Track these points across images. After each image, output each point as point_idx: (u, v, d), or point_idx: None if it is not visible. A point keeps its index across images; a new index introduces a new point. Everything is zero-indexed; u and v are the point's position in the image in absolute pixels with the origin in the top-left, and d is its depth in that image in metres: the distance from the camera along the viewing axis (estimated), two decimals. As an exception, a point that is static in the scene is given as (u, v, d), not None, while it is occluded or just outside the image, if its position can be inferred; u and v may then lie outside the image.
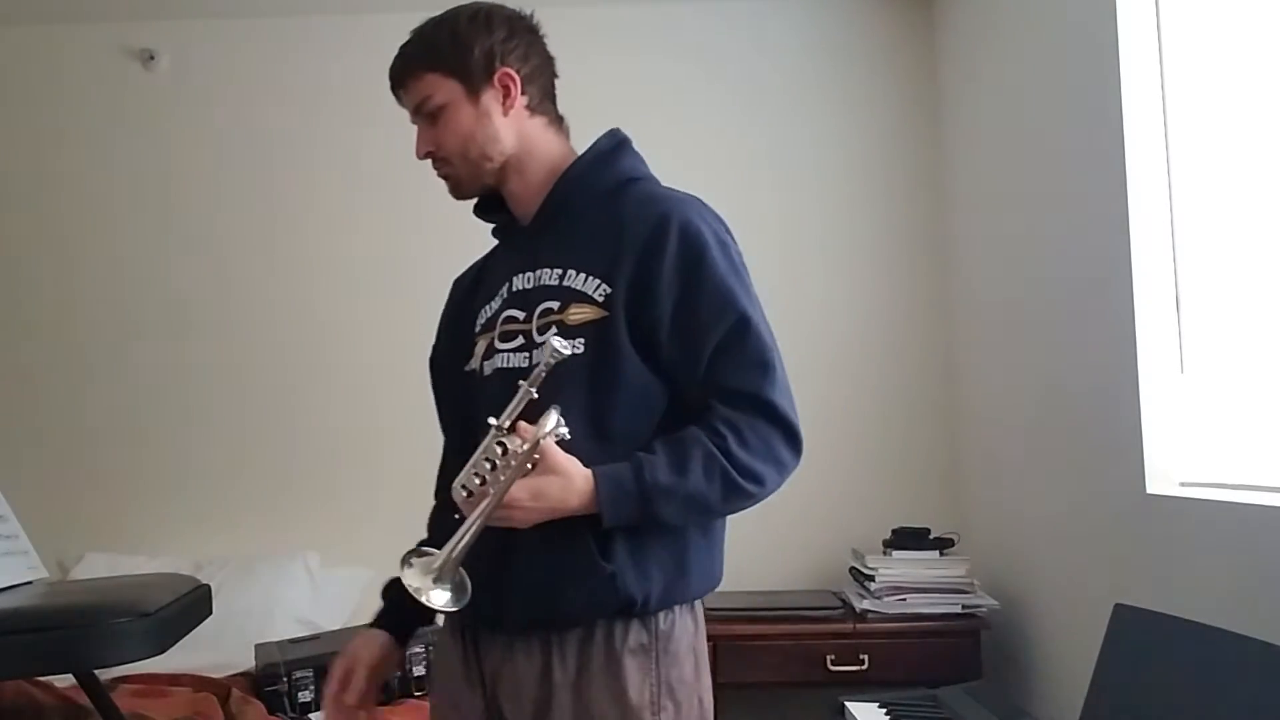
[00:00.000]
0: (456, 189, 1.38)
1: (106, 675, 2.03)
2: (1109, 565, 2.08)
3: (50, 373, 3.25)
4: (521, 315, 1.30)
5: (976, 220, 2.91)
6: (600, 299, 1.25)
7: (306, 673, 2.28)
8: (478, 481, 1.15)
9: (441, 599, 1.11)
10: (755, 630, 2.63)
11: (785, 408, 1.24)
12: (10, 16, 3.26)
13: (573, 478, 1.17)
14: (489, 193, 1.39)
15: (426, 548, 1.15)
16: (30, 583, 1.47)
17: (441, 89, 1.32)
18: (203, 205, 3.28)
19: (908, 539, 2.74)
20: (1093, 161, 2.12)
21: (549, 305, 1.27)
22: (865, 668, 2.57)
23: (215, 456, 3.16)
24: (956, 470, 3.09)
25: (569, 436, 1.16)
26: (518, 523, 1.17)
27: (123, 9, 3.25)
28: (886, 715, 1.99)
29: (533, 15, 1.40)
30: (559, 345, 1.13)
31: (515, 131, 1.34)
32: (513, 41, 1.33)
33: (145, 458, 3.18)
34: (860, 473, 3.10)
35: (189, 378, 3.23)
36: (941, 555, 2.70)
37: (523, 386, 1.14)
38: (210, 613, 1.52)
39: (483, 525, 1.13)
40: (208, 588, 1.52)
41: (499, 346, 1.30)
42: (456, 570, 1.13)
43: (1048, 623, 2.45)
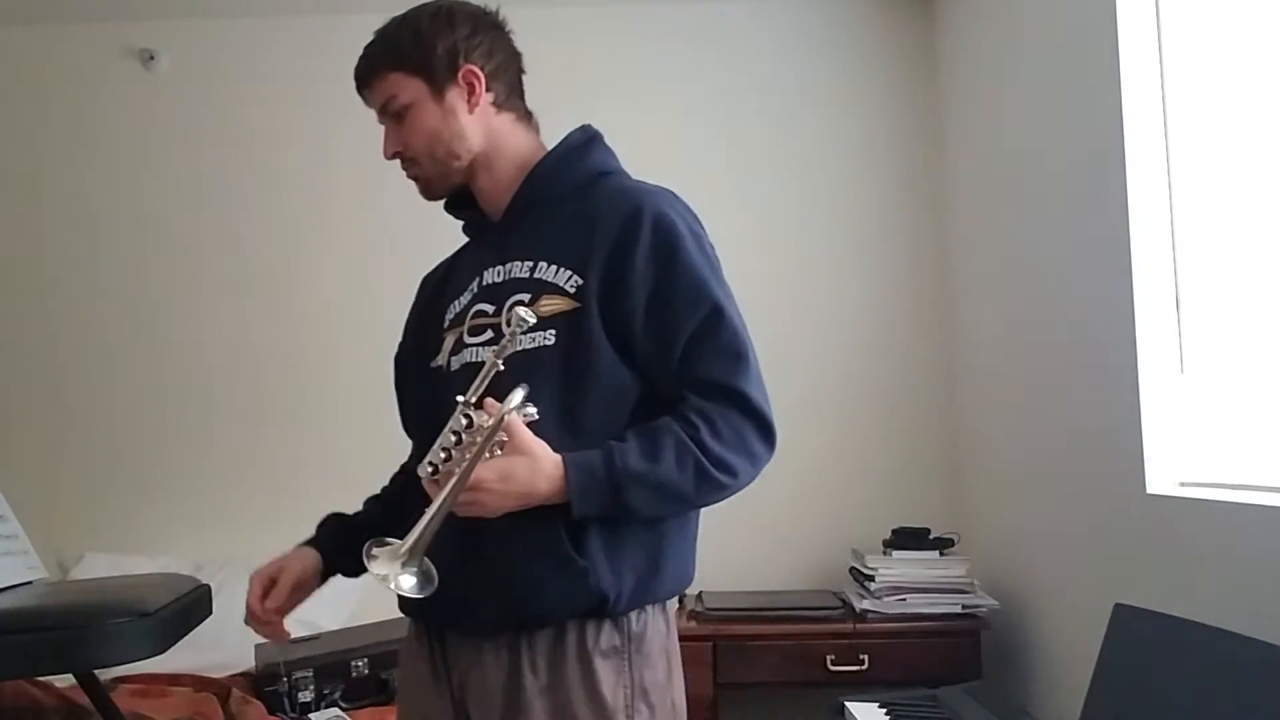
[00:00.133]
0: (426, 190, 1.37)
1: (106, 675, 2.03)
2: (1109, 565, 2.08)
3: (50, 373, 3.25)
4: (491, 309, 1.29)
5: (976, 220, 2.91)
6: (572, 290, 1.23)
7: (306, 673, 2.28)
8: (443, 456, 1.12)
9: (409, 584, 1.08)
10: (755, 630, 2.63)
11: (759, 399, 1.23)
12: (10, 16, 3.26)
13: (541, 460, 1.14)
14: (460, 191, 1.38)
15: (388, 538, 1.12)
16: (30, 583, 1.47)
17: (406, 88, 1.31)
18: (203, 205, 3.28)
19: (908, 539, 2.74)
20: (1093, 161, 2.12)
21: (520, 297, 1.25)
22: (865, 668, 2.57)
23: (215, 456, 3.16)
24: (956, 470, 3.09)
25: (536, 416, 1.15)
26: (486, 509, 1.14)
27: (123, 9, 3.25)
28: (886, 715, 1.99)
29: (498, 11, 1.38)
30: (524, 313, 1.13)
31: (482, 128, 1.33)
32: (476, 38, 1.32)
33: (145, 458, 3.18)
34: (860, 473, 3.10)
35: (189, 378, 3.23)
36: (941, 555, 2.70)
37: (489, 358, 1.13)
38: (210, 613, 1.52)
39: (449, 507, 1.10)
40: (208, 588, 1.52)
41: (467, 341, 1.29)
42: (422, 558, 1.09)
43: (1048, 623, 2.45)
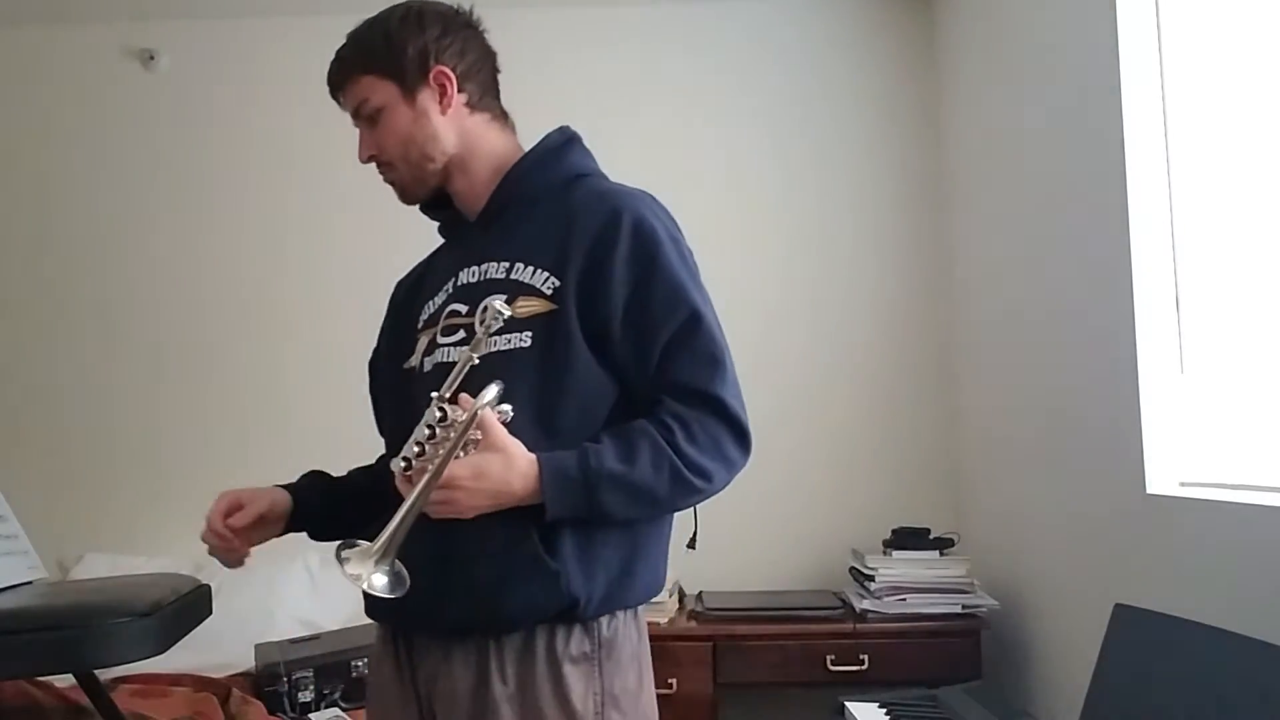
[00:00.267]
0: (403, 193, 1.36)
1: (106, 675, 2.03)
2: (1109, 565, 2.08)
3: (50, 373, 3.25)
4: (465, 309, 1.27)
5: (976, 220, 2.91)
6: (549, 292, 1.23)
7: (306, 673, 2.28)
8: (417, 451, 1.11)
9: (381, 584, 1.06)
10: (755, 630, 2.63)
11: (734, 405, 1.22)
12: (10, 16, 3.26)
13: (515, 457, 1.14)
14: (436, 194, 1.37)
15: (358, 540, 1.11)
16: (30, 583, 1.47)
17: (377, 91, 1.30)
18: (204, 205, 3.28)
19: (908, 539, 2.74)
20: (1093, 161, 2.12)
21: (496, 297, 1.23)
22: (865, 668, 2.57)
23: (216, 457, 3.16)
24: (956, 470, 3.09)
25: (511, 413, 1.14)
26: (460, 508, 1.13)
27: (123, 9, 3.25)
28: (886, 715, 1.99)
29: (471, 10, 1.37)
30: (500, 307, 1.12)
31: (456, 130, 1.32)
32: (447, 38, 1.31)
33: (146, 458, 3.19)
34: (860, 473, 3.10)
35: (190, 378, 3.23)
36: (941, 555, 2.70)
37: (464, 353, 1.13)
38: (210, 613, 1.52)
39: (422, 506, 1.09)
40: (208, 588, 1.52)
41: (441, 341, 1.28)
42: (394, 559, 1.08)
43: (1048, 623, 2.45)
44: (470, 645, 1.21)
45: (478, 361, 1.13)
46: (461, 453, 1.11)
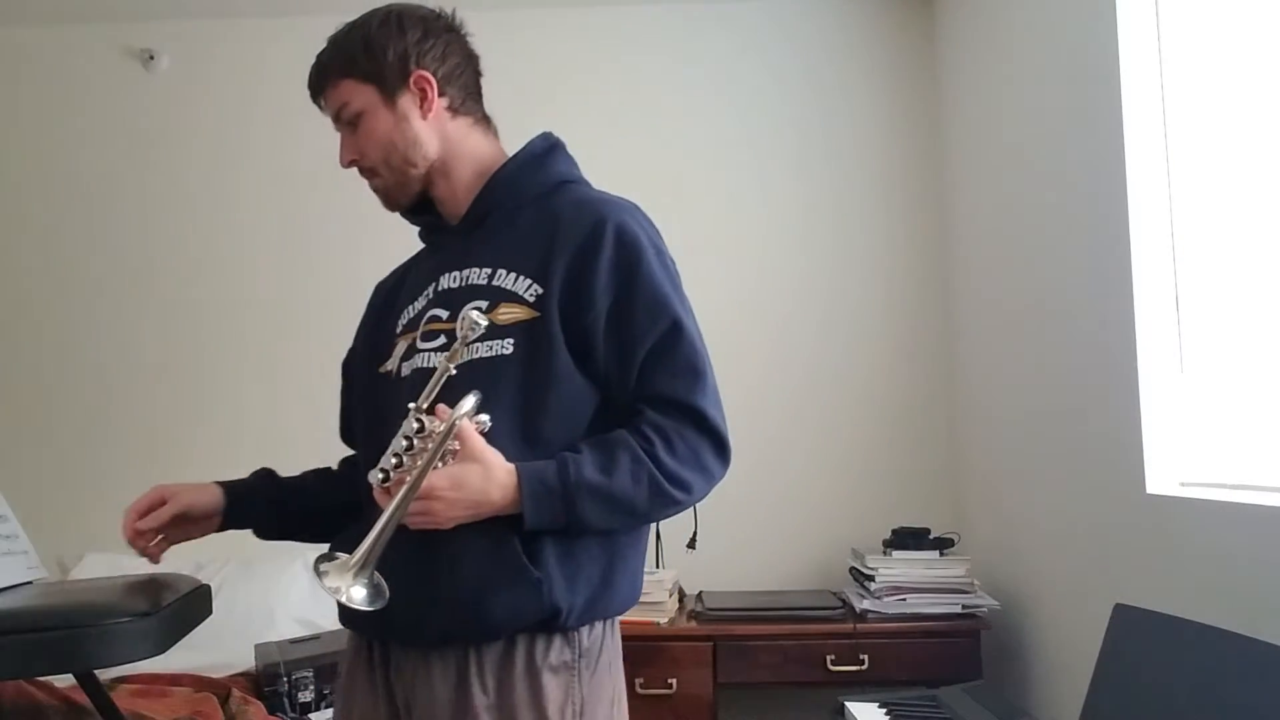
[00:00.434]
0: (387, 199, 1.36)
1: (106, 675, 2.03)
2: (1109, 565, 2.08)
3: (51, 372, 3.26)
4: (446, 314, 1.27)
5: (977, 220, 2.91)
6: (531, 299, 1.22)
7: (306, 673, 2.28)
8: (394, 463, 1.11)
9: (360, 596, 1.06)
10: (755, 630, 2.62)
11: (715, 416, 1.22)
12: (10, 16, 3.26)
13: (494, 468, 1.13)
14: (419, 199, 1.36)
15: (336, 552, 1.11)
16: (30, 583, 1.47)
17: (358, 95, 1.30)
18: (204, 205, 3.29)
19: (908, 539, 2.74)
20: (1093, 161, 2.12)
21: (477, 305, 1.23)
22: (865, 668, 2.57)
23: (216, 457, 3.16)
24: (956, 470, 3.09)
25: (489, 423, 1.14)
26: (439, 519, 1.12)
27: (123, 9, 3.25)
28: (886, 715, 1.99)
29: (453, 14, 1.37)
30: (477, 317, 1.12)
31: (438, 134, 1.31)
32: (428, 42, 1.31)
33: (146, 458, 3.18)
34: (860, 473, 3.10)
35: (190, 378, 3.23)
36: (941, 555, 2.70)
37: (440, 363, 1.12)
38: (210, 613, 1.51)
39: (401, 517, 1.09)
40: (208, 588, 1.52)
41: (420, 346, 1.27)
42: (373, 571, 1.07)
43: (1048, 623, 2.45)
44: (450, 654, 1.20)
45: (454, 372, 1.12)
46: (440, 463, 1.11)
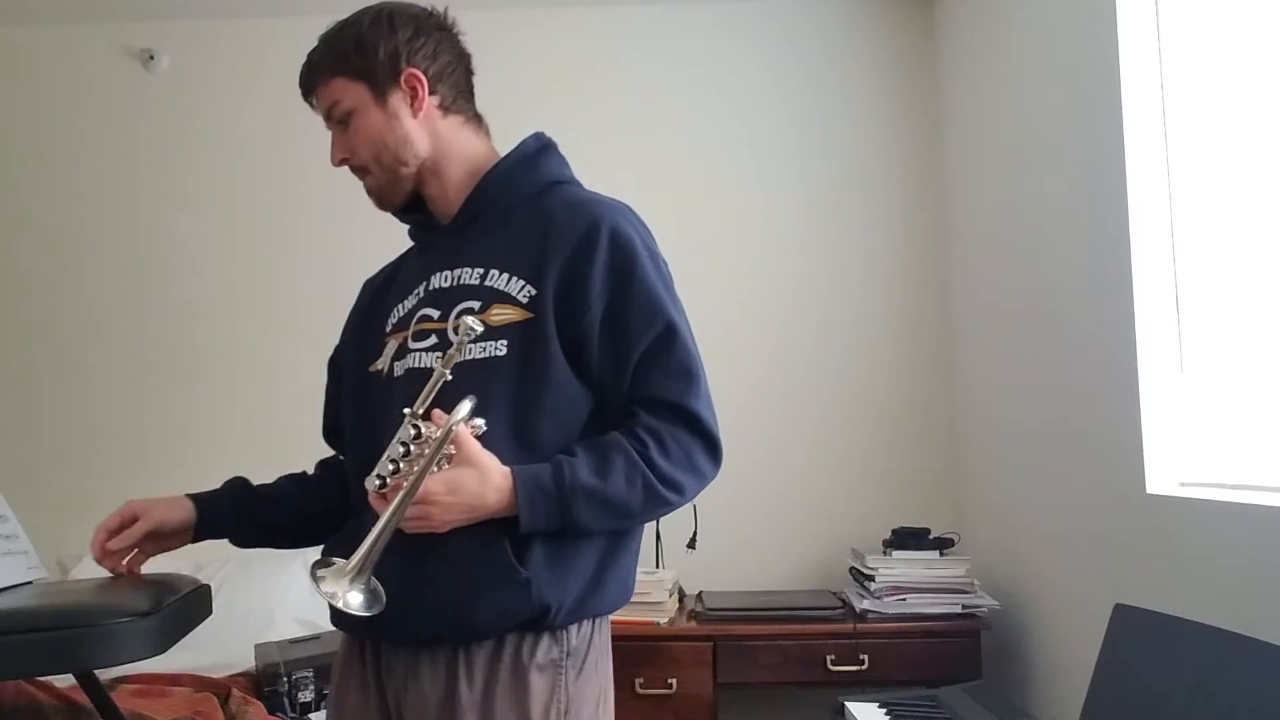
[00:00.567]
0: (379, 199, 1.35)
1: (106, 675, 2.03)
2: (1109, 565, 2.08)
3: (51, 372, 3.26)
4: (437, 314, 1.27)
5: (977, 220, 2.91)
6: (525, 300, 1.22)
7: (306, 673, 2.28)
8: (391, 469, 1.11)
9: (357, 601, 1.07)
10: (755, 630, 2.62)
11: (707, 418, 1.23)
12: (10, 16, 3.26)
13: (489, 472, 1.13)
14: (410, 198, 1.36)
15: (333, 557, 1.11)
16: (30, 583, 1.47)
17: (349, 94, 1.30)
18: (203, 205, 3.29)
19: (908, 539, 2.74)
20: (1093, 161, 2.12)
21: (469, 305, 1.24)
22: (865, 668, 2.57)
23: (216, 457, 3.16)
24: (956, 470, 3.09)
25: (485, 428, 1.14)
26: (435, 523, 1.13)
27: (123, 9, 3.25)
28: (886, 715, 1.99)
29: (445, 12, 1.36)
30: (473, 323, 1.12)
31: (429, 133, 1.31)
32: (419, 40, 1.30)
33: (146, 457, 3.18)
34: (860, 473, 3.10)
35: (189, 377, 3.23)
36: (941, 555, 2.70)
37: (436, 368, 1.12)
38: (210, 613, 1.51)
39: (397, 523, 1.09)
40: (208, 588, 1.52)
41: (412, 346, 1.27)
42: (369, 576, 1.08)
43: (1048, 623, 2.45)
44: (440, 654, 1.20)
45: (450, 378, 1.12)
46: (436, 468, 1.11)
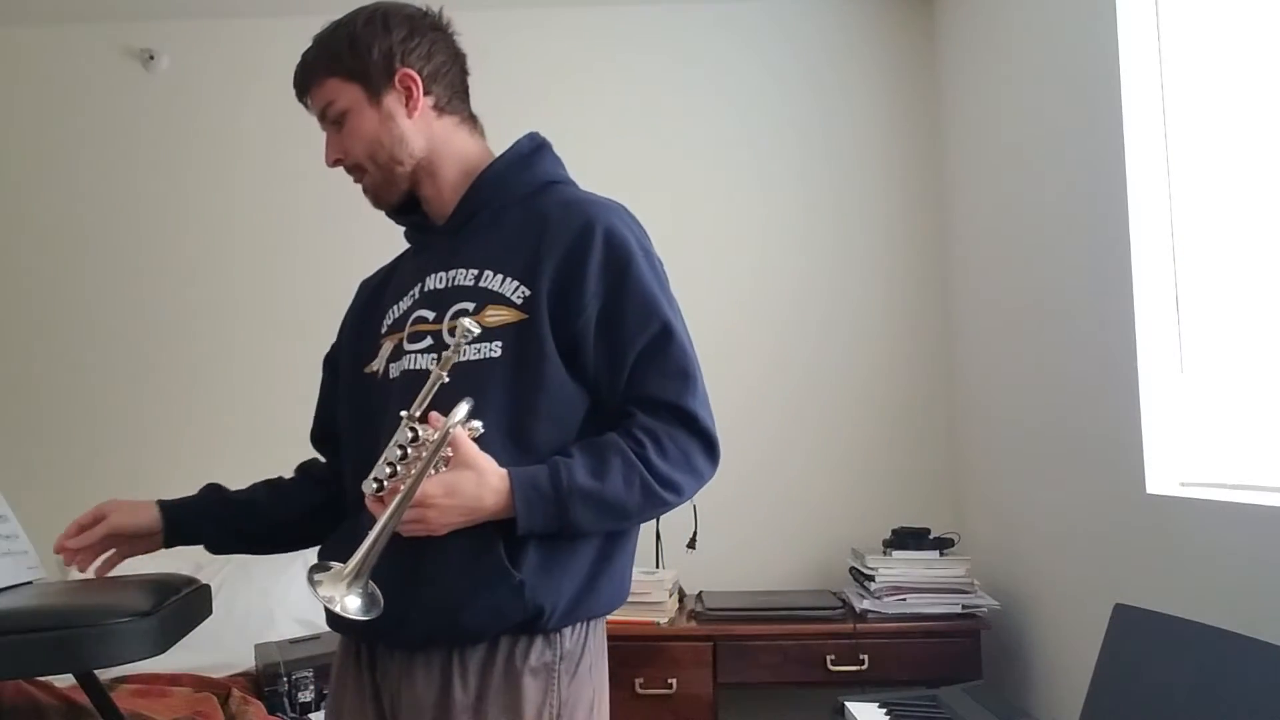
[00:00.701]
0: (375, 198, 1.35)
1: (106, 675, 2.03)
2: (1109, 565, 2.08)
3: (51, 372, 3.26)
4: (432, 315, 1.26)
5: (977, 220, 2.91)
6: (519, 301, 1.22)
7: (306, 673, 2.28)
8: (388, 471, 1.11)
9: (355, 606, 1.06)
10: (755, 630, 2.62)
11: (705, 418, 1.22)
12: (10, 16, 3.26)
13: (487, 474, 1.13)
14: (406, 199, 1.36)
15: (330, 561, 1.11)
16: (30, 583, 1.47)
17: (343, 94, 1.30)
18: (205, 205, 3.29)
19: (908, 539, 2.74)
20: (1093, 161, 2.12)
21: (463, 306, 1.24)
22: (865, 668, 2.57)
23: (216, 457, 3.16)
24: (956, 470, 3.09)
25: (482, 430, 1.14)
26: (433, 526, 1.12)
27: (123, 9, 3.25)
28: (886, 715, 1.99)
29: (440, 12, 1.36)
30: (469, 324, 1.12)
31: (424, 133, 1.31)
32: (413, 41, 1.30)
33: (146, 457, 3.18)
34: (860, 473, 3.10)
35: (190, 377, 3.23)
36: (941, 555, 2.70)
37: (433, 371, 1.12)
38: (210, 613, 1.51)
39: (395, 526, 1.09)
40: (208, 588, 1.52)
41: (407, 348, 1.27)
42: (367, 580, 1.08)
43: (1048, 623, 2.45)
44: (434, 656, 1.20)
45: (447, 380, 1.12)
46: (433, 471, 1.11)
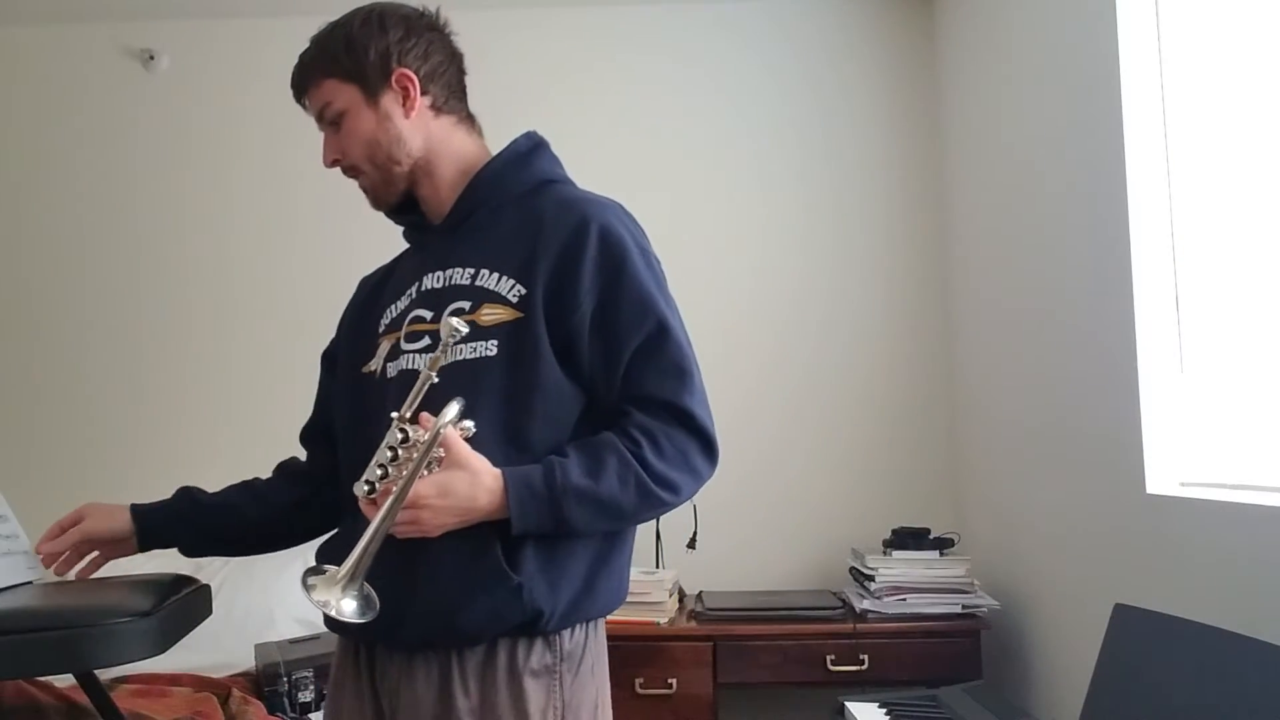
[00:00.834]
0: (374, 198, 1.35)
1: (106, 675, 2.03)
2: (1109, 565, 2.08)
3: (51, 372, 3.26)
4: (430, 315, 1.26)
5: (976, 220, 2.91)
6: (515, 300, 1.22)
7: (306, 673, 2.28)
8: (380, 474, 1.10)
9: (350, 609, 1.06)
10: (755, 630, 2.62)
11: (702, 416, 1.22)
12: (10, 16, 3.26)
13: (480, 474, 1.13)
14: (404, 198, 1.36)
15: (325, 564, 1.11)
16: (30, 583, 1.47)
17: (340, 95, 1.30)
18: (204, 205, 3.29)
19: (908, 539, 2.74)
20: (1093, 161, 2.12)
21: (460, 305, 1.23)
22: (865, 668, 2.57)
23: (216, 457, 3.16)
24: (956, 470, 3.09)
25: (474, 430, 1.13)
26: (426, 527, 1.12)
27: (123, 9, 3.25)
28: (886, 715, 1.99)
29: (437, 12, 1.36)
30: (456, 323, 1.12)
31: (421, 133, 1.31)
32: (410, 41, 1.30)
33: (146, 457, 3.18)
34: (860, 473, 3.10)
35: (190, 377, 3.23)
36: (941, 555, 2.70)
37: (422, 371, 1.12)
38: (210, 613, 1.51)
39: (388, 528, 1.08)
40: (208, 588, 1.52)
41: (404, 347, 1.27)
42: (362, 582, 1.07)
43: (1048, 623, 2.45)
44: (433, 658, 1.20)
45: (436, 380, 1.12)
46: (425, 471, 1.10)
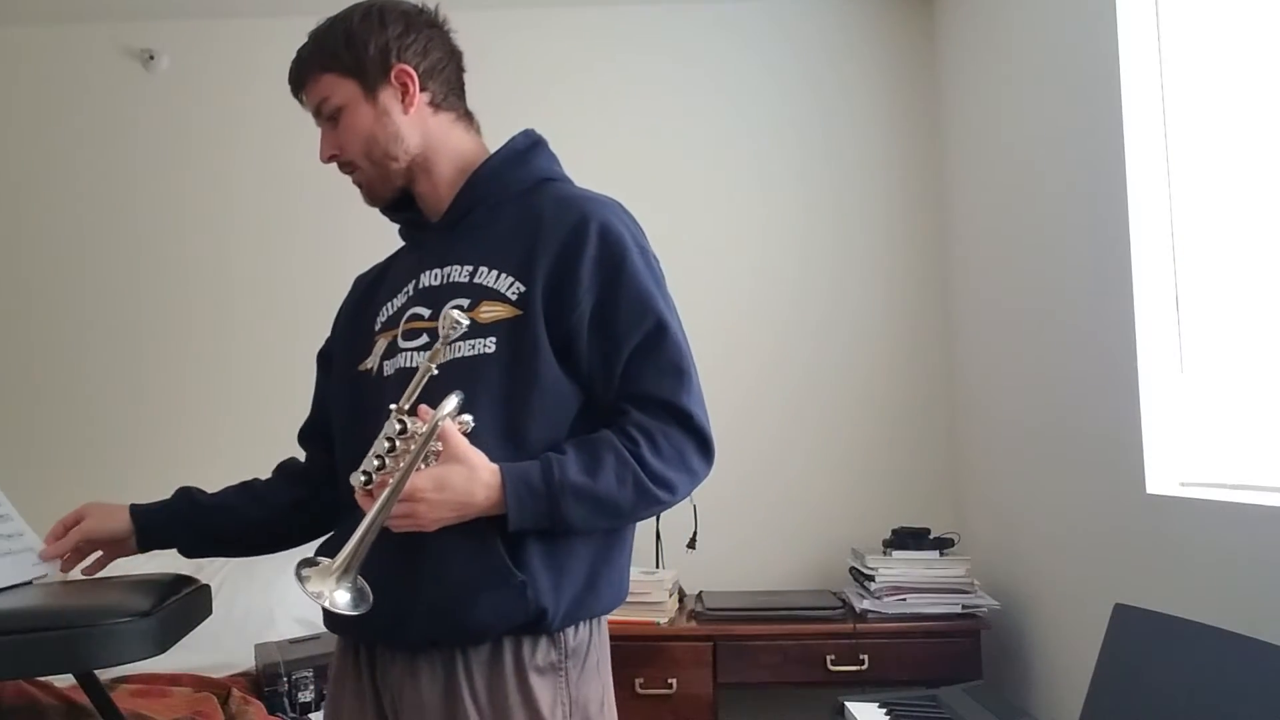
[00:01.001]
0: (370, 194, 1.35)
1: (106, 675, 2.03)
2: (1109, 565, 2.08)
3: (51, 372, 3.26)
4: (428, 313, 1.26)
5: (976, 220, 2.91)
6: (513, 297, 1.22)
7: (306, 673, 2.28)
8: (377, 465, 1.10)
9: (344, 601, 1.05)
10: (755, 630, 2.62)
11: (699, 416, 1.22)
12: (10, 16, 3.26)
13: (478, 468, 1.12)
14: (400, 195, 1.36)
15: (319, 557, 1.10)
16: (30, 582, 1.47)
17: (338, 90, 1.29)
18: (204, 205, 3.29)
19: (908, 539, 2.74)
20: (1093, 161, 2.12)
21: (459, 303, 1.23)
22: (865, 668, 2.57)
23: (216, 457, 3.16)
24: (956, 470, 3.09)
25: (472, 424, 1.13)
26: (422, 521, 1.11)
27: (123, 9, 3.25)
28: (886, 715, 1.99)
29: (436, 9, 1.36)
30: (458, 316, 1.11)
31: (419, 129, 1.31)
32: (409, 37, 1.30)
33: (146, 457, 3.18)
34: (860, 473, 3.10)
35: (190, 377, 3.23)
36: (941, 555, 2.70)
37: (422, 363, 1.12)
38: (210, 613, 1.51)
39: (384, 520, 1.08)
40: (208, 588, 1.52)
41: (402, 345, 1.26)
42: (356, 575, 1.06)
43: (1048, 623, 2.45)
44: (437, 657, 1.20)
45: (436, 372, 1.12)
46: (423, 465, 1.10)
